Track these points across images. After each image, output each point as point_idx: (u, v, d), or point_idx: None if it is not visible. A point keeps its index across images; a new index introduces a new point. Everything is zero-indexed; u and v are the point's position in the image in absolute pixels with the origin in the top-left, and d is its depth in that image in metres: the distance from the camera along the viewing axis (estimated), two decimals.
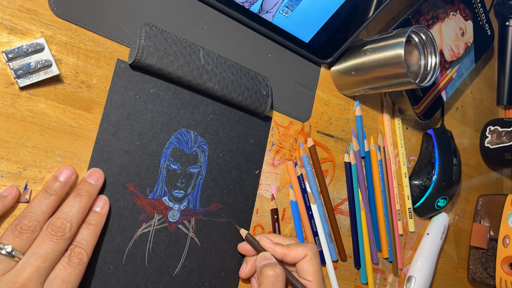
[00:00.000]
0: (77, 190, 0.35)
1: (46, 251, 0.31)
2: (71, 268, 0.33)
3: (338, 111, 0.56)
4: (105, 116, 0.38)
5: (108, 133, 0.38)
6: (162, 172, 0.41)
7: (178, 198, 0.42)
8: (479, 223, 0.74)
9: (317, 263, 0.42)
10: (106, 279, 0.37)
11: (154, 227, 0.40)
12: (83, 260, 0.33)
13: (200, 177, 0.43)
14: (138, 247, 0.39)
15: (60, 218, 0.33)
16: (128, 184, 0.39)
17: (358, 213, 0.55)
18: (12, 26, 0.34)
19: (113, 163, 0.38)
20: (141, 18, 0.40)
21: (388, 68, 0.48)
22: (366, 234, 0.56)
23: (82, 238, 0.34)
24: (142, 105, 0.40)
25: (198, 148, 0.43)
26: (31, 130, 0.35)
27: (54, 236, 0.32)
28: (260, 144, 0.48)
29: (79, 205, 0.34)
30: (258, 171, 0.48)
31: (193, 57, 0.40)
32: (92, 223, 0.35)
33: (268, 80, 0.47)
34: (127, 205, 0.39)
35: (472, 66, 0.69)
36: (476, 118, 0.79)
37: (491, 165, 0.81)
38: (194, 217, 0.43)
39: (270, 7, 0.46)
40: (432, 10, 0.60)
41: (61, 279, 0.32)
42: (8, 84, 0.34)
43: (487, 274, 0.70)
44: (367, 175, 0.57)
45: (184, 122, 0.42)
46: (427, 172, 0.64)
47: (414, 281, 0.62)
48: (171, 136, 0.41)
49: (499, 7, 0.79)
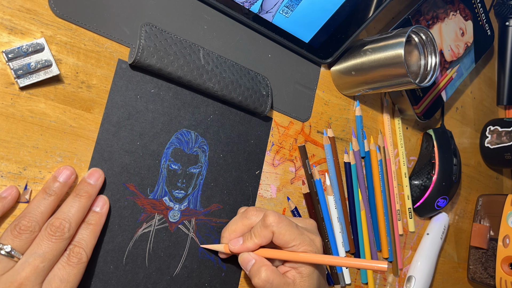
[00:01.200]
0: (77, 191, 0.35)
1: (45, 251, 0.31)
2: (70, 267, 0.33)
3: (338, 111, 0.56)
4: (106, 116, 0.38)
5: (109, 133, 0.38)
6: (163, 172, 0.41)
7: (179, 198, 0.42)
8: (479, 223, 0.74)
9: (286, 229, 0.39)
10: (106, 279, 0.37)
11: (155, 227, 0.40)
12: (82, 259, 0.33)
13: (200, 177, 0.43)
14: (139, 247, 0.39)
15: (59, 218, 0.33)
16: (128, 184, 0.39)
17: (358, 213, 0.55)
18: (12, 26, 0.34)
19: (114, 163, 0.38)
20: (141, 18, 0.40)
21: (388, 68, 0.48)
22: (366, 234, 0.56)
23: (81, 238, 0.34)
24: (143, 105, 0.40)
25: (198, 149, 0.43)
26: (31, 130, 0.35)
27: (53, 236, 0.32)
28: (261, 145, 0.48)
29: (78, 205, 0.34)
30: (259, 171, 0.48)
31: (193, 57, 0.40)
32: (91, 223, 0.35)
33: (268, 80, 0.47)
34: (128, 205, 0.39)
35: (472, 66, 0.69)
36: (476, 118, 0.79)
37: (491, 165, 0.81)
38: (195, 217, 0.43)
39: (270, 7, 0.46)
40: (432, 10, 0.60)
41: (59, 278, 0.32)
42: (8, 84, 0.34)
43: (487, 274, 0.70)
44: (367, 175, 0.57)
45: (185, 123, 0.42)
46: (427, 172, 0.64)
47: (414, 281, 0.62)
48: (172, 136, 0.41)
49: (499, 7, 0.79)
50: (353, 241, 0.55)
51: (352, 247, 0.55)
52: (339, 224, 0.53)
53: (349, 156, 0.56)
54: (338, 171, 0.54)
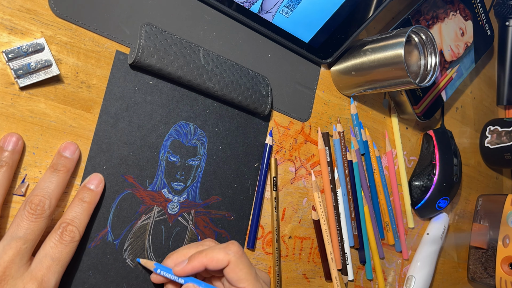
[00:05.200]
0: (54, 165, 0.34)
1: (25, 232, 0.31)
2: (62, 246, 0.32)
3: (338, 111, 0.56)
4: (104, 108, 0.38)
5: (107, 125, 0.38)
6: (162, 164, 0.41)
7: (178, 190, 0.42)
8: (479, 223, 0.74)
9: (245, 266, 0.36)
10: (105, 270, 0.37)
11: (154, 219, 0.40)
12: (75, 238, 0.33)
13: (199, 169, 0.43)
14: (138, 239, 0.39)
15: (38, 195, 0.32)
16: (127, 175, 0.39)
17: (361, 208, 0.56)
18: (12, 26, 0.34)
19: (112, 154, 0.38)
20: (141, 18, 0.40)
21: (388, 68, 0.48)
22: (370, 228, 0.57)
23: (74, 216, 0.33)
24: (141, 97, 0.40)
25: (197, 141, 0.43)
26: (31, 130, 0.35)
27: (33, 215, 0.31)
28: (260, 137, 0.48)
29: (57, 181, 0.33)
30: (258, 164, 0.47)
31: (193, 57, 0.40)
32: (86, 201, 0.34)
33: (268, 80, 0.47)
34: (127, 197, 0.39)
35: (472, 66, 0.69)
36: (476, 118, 0.79)
37: (491, 165, 0.81)
38: (194, 210, 0.43)
39: (270, 7, 0.46)
40: (432, 10, 0.60)
41: (51, 257, 0.31)
42: (8, 84, 0.34)
43: (487, 274, 0.70)
44: (368, 170, 0.58)
45: (184, 115, 0.42)
46: (428, 173, 0.64)
47: (414, 281, 0.63)
48: (171, 128, 0.41)
49: (499, 7, 0.79)
50: (358, 236, 0.56)
51: (357, 242, 0.55)
52: (344, 219, 0.54)
53: (351, 154, 0.56)
54: (345, 167, 0.55)
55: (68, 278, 0.35)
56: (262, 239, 0.48)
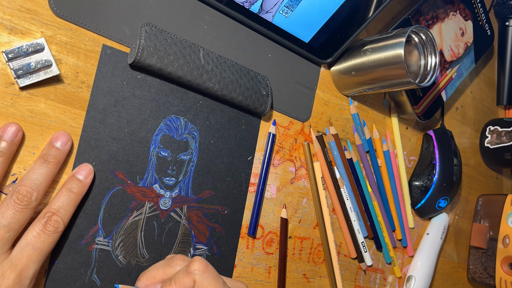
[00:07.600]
0: (44, 156, 0.33)
1: (10, 221, 0.30)
2: (45, 235, 0.32)
3: (338, 111, 0.56)
4: (91, 103, 0.37)
5: (95, 120, 0.37)
6: (152, 159, 0.40)
7: (170, 185, 0.42)
8: (479, 223, 0.74)
9: (210, 282, 0.34)
10: (98, 267, 0.37)
11: (146, 215, 0.40)
12: (58, 228, 0.32)
13: (191, 164, 0.43)
14: (130, 236, 0.39)
15: (26, 186, 0.32)
16: (117, 172, 0.38)
17: (370, 204, 0.57)
18: (12, 26, 0.34)
19: (101, 150, 0.38)
20: (141, 18, 0.40)
21: (388, 68, 0.48)
22: (381, 220, 0.59)
23: (60, 206, 0.33)
24: (130, 92, 0.39)
25: (188, 135, 0.43)
26: (31, 130, 0.35)
27: (19, 205, 0.31)
28: (253, 130, 0.47)
29: (46, 172, 0.33)
30: (251, 157, 0.47)
31: (193, 57, 0.40)
32: (73, 191, 0.34)
33: (268, 80, 0.47)
34: (117, 193, 0.38)
35: (472, 66, 0.69)
36: (476, 118, 0.79)
37: (491, 165, 0.81)
38: (186, 205, 0.43)
39: (270, 7, 0.46)
40: (432, 10, 0.60)
41: (32, 246, 0.31)
42: (8, 84, 0.34)
43: (487, 274, 0.70)
44: (374, 166, 0.59)
45: (174, 109, 0.42)
46: (428, 173, 0.64)
47: (414, 281, 0.63)
48: (161, 123, 0.41)
49: (499, 7, 0.79)
50: (370, 227, 0.58)
51: (370, 232, 0.57)
52: (354, 214, 0.55)
53: (350, 153, 0.56)
54: (346, 165, 0.55)
55: (59, 275, 0.35)
56: (262, 239, 0.48)
